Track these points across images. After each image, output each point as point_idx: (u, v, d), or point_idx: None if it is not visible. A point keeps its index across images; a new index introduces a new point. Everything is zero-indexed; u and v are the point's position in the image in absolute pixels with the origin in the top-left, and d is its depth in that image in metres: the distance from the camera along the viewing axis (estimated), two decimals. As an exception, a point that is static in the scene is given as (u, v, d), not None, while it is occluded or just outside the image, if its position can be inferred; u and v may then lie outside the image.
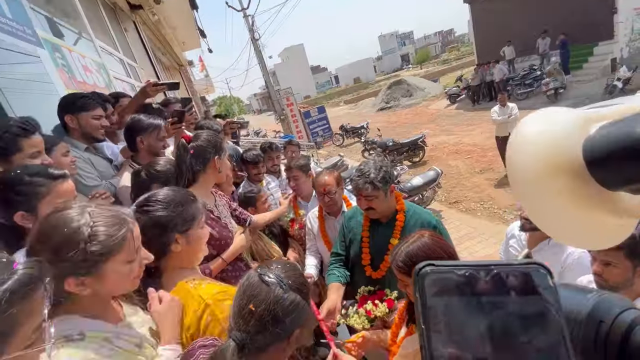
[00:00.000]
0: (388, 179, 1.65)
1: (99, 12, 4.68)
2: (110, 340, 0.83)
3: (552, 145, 0.44)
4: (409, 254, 1.13)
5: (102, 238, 0.79)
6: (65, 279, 0.77)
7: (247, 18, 14.67)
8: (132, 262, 0.86)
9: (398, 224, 1.71)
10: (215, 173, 1.52)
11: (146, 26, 7.27)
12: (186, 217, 1.08)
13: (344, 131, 14.17)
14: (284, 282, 0.85)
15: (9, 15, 2.16)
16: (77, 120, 1.89)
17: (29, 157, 1.28)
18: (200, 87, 20.40)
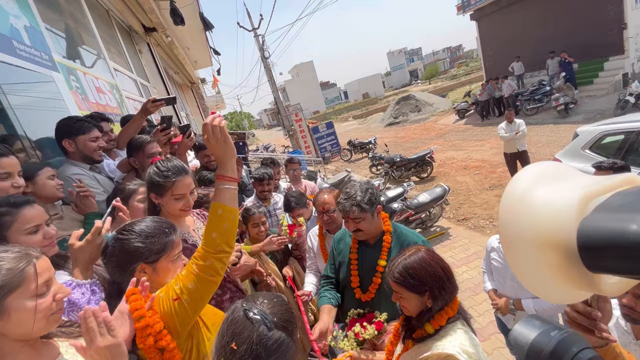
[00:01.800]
0: (374, 201, 1.66)
1: (115, 36, 4.91)
2: None
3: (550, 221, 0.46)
4: (406, 267, 1.16)
5: (2, 273, 0.77)
6: None
7: (258, 37, 15.12)
8: (41, 296, 0.82)
9: (385, 245, 1.71)
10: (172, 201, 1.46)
11: (160, 47, 7.56)
12: (154, 249, 1.09)
13: (352, 146, 14.23)
14: (268, 320, 0.82)
15: (27, 42, 2.29)
16: (75, 143, 1.94)
17: None
18: (212, 103, 20.91)
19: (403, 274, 1.16)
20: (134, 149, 2.05)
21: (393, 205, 5.32)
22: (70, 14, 3.50)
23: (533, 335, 0.68)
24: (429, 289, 1.15)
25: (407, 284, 1.16)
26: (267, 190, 2.81)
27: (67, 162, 1.96)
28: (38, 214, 1.14)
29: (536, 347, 0.65)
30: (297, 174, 3.72)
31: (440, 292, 1.15)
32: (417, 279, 1.15)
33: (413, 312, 1.21)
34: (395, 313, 1.60)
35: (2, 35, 2.07)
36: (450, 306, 1.18)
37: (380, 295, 1.65)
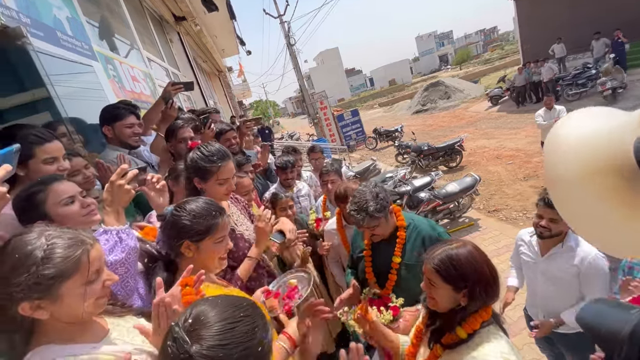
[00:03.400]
0: (386, 205, 1.62)
1: (147, 25, 5.05)
2: None
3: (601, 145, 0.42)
4: (450, 256, 1.08)
5: (57, 260, 0.78)
6: (19, 304, 0.76)
7: (283, 24, 15.02)
8: (92, 282, 0.84)
9: (399, 241, 1.68)
10: (216, 185, 1.51)
11: (189, 36, 7.71)
12: (199, 229, 1.16)
13: (378, 134, 13.98)
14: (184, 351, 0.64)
15: (69, 32, 2.40)
16: (113, 130, 2.06)
17: (42, 162, 1.35)
18: (238, 91, 21.21)
19: (445, 262, 1.08)
20: (167, 135, 2.14)
21: (420, 194, 5.20)
22: (106, 5, 3.63)
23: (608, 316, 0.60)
24: (469, 286, 1.06)
25: (445, 274, 1.08)
26: (291, 178, 2.86)
27: (108, 147, 2.08)
28: (69, 186, 1.19)
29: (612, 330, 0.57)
30: (319, 163, 3.71)
31: (480, 292, 1.05)
32: (459, 272, 1.06)
33: (441, 307, 1.12)
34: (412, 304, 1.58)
35: (47, 27, 2.18)
36: (485, 309, 1.09)
37: (398, 291, 1.64)
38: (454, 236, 5.58)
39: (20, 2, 2.01)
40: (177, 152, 2.11)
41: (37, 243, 0.78)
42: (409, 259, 1.64)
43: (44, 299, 0.78)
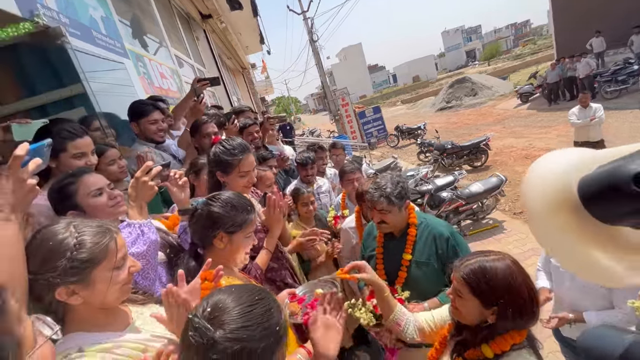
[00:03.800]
0: (404, 195, 1.62)
1: (175, 23, 5.20)
2: (111, 350, 0.85)
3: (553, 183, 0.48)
4: (483, 268, 0.99)
5: (88, 246, 0.84)
6: (55, 290, 0.80)
7: (307, 21, 15.02)
8: (118, 268, 0.90)
9: (410, 239, 1.67)
10: (237, 178, 1.56)
11: (215, 34, 7.88)
12: (235, 221, 1.20)
13: (399, 132, 13.76)
14: (208, 339, 0.67)
15: (103, 31, 2.52)
16: (139, 126, 2.15)
17: (72, 157, 1.42)
18: (261, 88, 21.47)
19: (477, 273, 0.99)
20: (193, 130, 2.21)
21: (442, 194, 5.09)
22: (137, 4, 3.77)
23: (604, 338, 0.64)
24: (500, 304, 0.96)
25: (475, 286, 0.99)
26: (311, 174, 2.89)
27: (137, 141, 2.18)
28: (98, 178, 1.26)
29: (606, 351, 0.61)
30: (339, 160, 3.71)
31: (514, 314, 0.96)
32: (491, 287, 0.97)
33: (465, 319, 1.05)
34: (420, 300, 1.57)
35: (83, 26, 2.30)
36: (518, 331, 0.99)
37: (407, 288, 1.62)
38: (477, 238, 5.38)
39: (60, 3, 2.13)
40: (201, 147, 2.18)
41: (67, 232, 0.84)
42: (419, 256, 1.64)
43: (78, 284, 0.83)
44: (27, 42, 1.89)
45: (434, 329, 1.27)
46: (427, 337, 1.29)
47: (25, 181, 0.84)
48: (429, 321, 1.29)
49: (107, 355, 0.84)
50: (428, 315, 1.32)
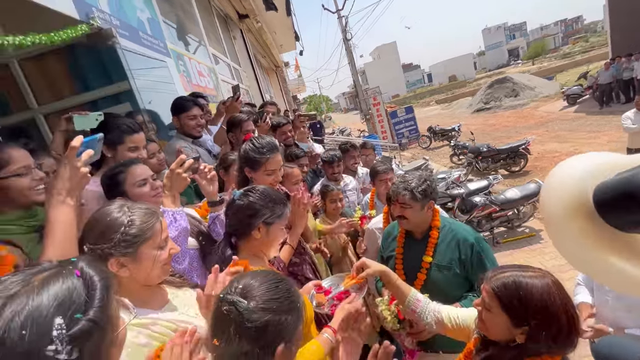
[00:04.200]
0: (429, 193, 1.58)
1: (214, 23, 5.42)
2: (148, 326, 0.93)
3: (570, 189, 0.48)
4: (518, 284, 0.92)
5: (138, 224, 0.94)
6: (109, 260, 0.91)
7: (341, 19, 14.99)
8: (161, 248, 0.99)
9: (431, 241, 1.62)
10: (264, 175, 1.62)
11: (250, 33, 8.10)
12: (274, 212, 1.25)
13: (432, 133, 13.35)
14: (244, 309, 0.75)
15: (149, 32, 2.69)
16: (179, 120, 2.28)
17: (127, 150, 1.56)
18: (293, 86, 21.76)
19: (510, 288, 0.92)
20: (232, 126, 2.33)
21: (474, 198, 4.89)
22: (180, 5, 3.98)
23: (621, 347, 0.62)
24: (533, 325, 0.89)
25: (506, 301, 0.92)
26: (337, 172, 2.90)
27: (176, 135, 2.32)
28: (144, 170, 1.39)
29: None
30: (369, 160, 3.69)
31: (547, 338, 0.88)
32: (524, 304, 0.90)
33: (491, 334, 0.99)
34: None
35: (132, 27, 2.47)
36: (551, 357, 0.91)
37: (426, 291, 1.58)
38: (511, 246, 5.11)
39: (112, 6, 2.31)
40: (238, 142, 2.27)
41: (121, 211, 0.95)
42: (440, 260, 1.59)
43: (128, 257, 0.92)
44: (83, 43, 2.07)
45: (455, 326, 1.23)
46: (446, 331, 1.25)
47: (79, 169, 0.96)
48: (452, 317, 1.25)
49: (144, 330, 0.91)
50: (453, 311, 1.27)
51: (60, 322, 0.46)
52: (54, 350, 0.44)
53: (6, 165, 1.11)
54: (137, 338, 0.88)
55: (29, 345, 0.43)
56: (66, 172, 0.94)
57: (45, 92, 2.42)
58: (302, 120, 3.54)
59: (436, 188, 1.65)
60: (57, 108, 2.39)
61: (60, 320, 0.46)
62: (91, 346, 0.49)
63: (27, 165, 1.14)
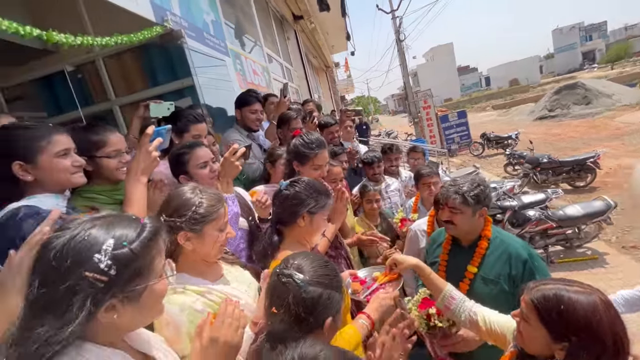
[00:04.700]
0: (482, 200, 1.48)
1: (270, 24, 5.67)
2: (204, 294, 1.05)
3: None
4: (560, 297, 0.87)
5: (206, 206, 1.07)
6: (178, 233, 1.04)
7: (395, 20, 14.71)
8: (221, 231, 1.10)
9: (479, 251, 1.52)
10: (311, 170, 1.70)
11: (304, 33, 8.31)
12: (318, 203, 1.33)
13: (486, 140, 12.56)
14: (300, 279, 0.86)
15: (212, 32, 2.91)
16: (241, 113, 2.45)
17: (192, 137, 1.74)
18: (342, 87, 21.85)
19: (551, 300, 0.88)
20: (281, 122, 2.46)
21: (528, 212, 4.53)
22: (240, 8, 4.23)
23: None
24: (573, 342, 0.85)
25: (545, 314, 0.88)
26: (378, 173, 2.90)
27: (233, 127, 2.50)
28: (206, 153, 1.53)
29: None
30: (418, 164, 3.60)
31: (589, 357, 0.83)
32: (564, 319, 0.85)
33: (529, 348, 0.96)
34: None
35: (198, 28, 2.70)
36: None
37: None
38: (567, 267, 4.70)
39: (182, 9, 2.54)
40: (285, 138, 2.39)
41: (194, 193, 1.09)
42: (487, 272, 1.50)
43: (194, 233, 1.05)
44: (155, 42, 2.32)
45: (489, 330, 1.18)
46: (480, 333, 1.21)
47: (151, 153, 1.14)
48: (488, 320, 1.20)
49: (200, 298, 1.04)
50: (491, 315, 1.23)
51: (111, 242, 0.61)
52: (98, 258, 0.59)
53: (103, 146, 1.31)
54: (195, 304, 1.01)
55: (84, 248, 0.59)
56: (140, 156, 1.13)
57: (122, 86, 2.74)
58: (348, 115, 3.58)
59: (490, 195, 1.56)
60: (131, 100, 2.69)
61: (112, 241, 0.61)
62: (127, 273, 0.61)
63: (118, 149, 1.35)
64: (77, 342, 0.60)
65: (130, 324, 0.68)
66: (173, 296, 1.01)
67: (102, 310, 0.60)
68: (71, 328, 0.56)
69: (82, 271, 0.57)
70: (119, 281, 0.60)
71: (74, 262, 0.57)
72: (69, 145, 1.12)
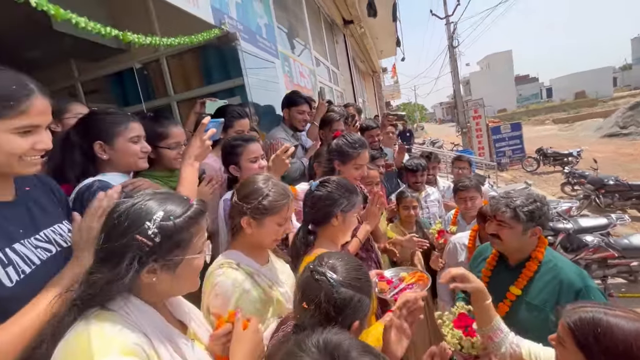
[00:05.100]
0: (537, 217, 1.35)
1: (320, 29, 5.78)
2: (253, 275, 1.14)
3: None
4: (599, 322, 0.84)
5: (271, 199, 1.13)
6: (243, 217, 1.13)
7: (449, 25, 14.21)
8: (281, 225, 1.16)
9: (525, 273, 1.40)
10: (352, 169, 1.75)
11: (353, 38, 8.35)
12: (350, 202, 1.36)
13: (542, 156, 11.59)
14: (334, 279, 0.87)
15: (264, 35, 3.05)
16: (289, 113, 2.55)
17: (235, 132, 1.87)
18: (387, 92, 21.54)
19: (588, 324, 0.85)
20: (324, 123, 2.52)
21: (585, 237, 4.11)
22: (293, 12, 4.38)
23: None
24: None
25: (581, 339, 0.85)
26: (420, 182, 2.83)
27: (280, 126, 2.62)
28: (258, 149, 1.64)
29: None
30: (463, 174, 3.44)
31: None
32: (602, 344, 0.82)
33: None
34: None
35: (251, 31, 2.85)
36: None
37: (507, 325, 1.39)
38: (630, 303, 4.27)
39: (239, 13, 2.70)
40: (327, 139, 2.44)
41: (265, 184, 1.16)
42: (532, 298, 1.39)
43: (255, 220, 1.13)
44: (212, 44, 2.49)
45: None
46: None
47: (205, 142, 1.26)
48: (533, 353, 1.14)
49: (249, 278, 1.12)
50: (536, 347, 1.16)
51: (161, 214, 0.70)
52: (148, 225, 0.68)
53: (166, 137, 1.49)
54: (244, 283, 1.10)
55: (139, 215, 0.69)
56: (196, 143, 1.25)
57: (180, 83, 2.97)
58: (390, 120, 3.54)
59: (548, 213, 1.42)
60: (187, 97, 2.91)
61: (162, 213, 0.70)
62: (168, 243, 0.70)
63: (178, 142, 1.52)
64: (124, 294, 0.70)
65: (167, 290, 0.76)
66: (228, 270, 1.10)
67: (145, 271, 0.69)
68: (121, 279, 0.66)
69: (134, 233, 0.67)
70: (160, 248, 0.69)
71: (130, 225, 0.68)
72: (140, 132, 1.29)
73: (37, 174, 0.91)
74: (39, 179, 0.98)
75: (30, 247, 0.82)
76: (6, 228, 0.80)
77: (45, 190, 0.97)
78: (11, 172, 0.82)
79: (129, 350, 0.63)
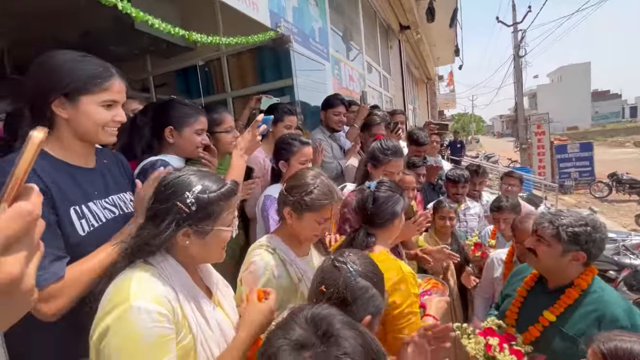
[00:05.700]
0: (583, 242, 1.23)
1: (375, 33, 5.79)
2: (286, 264, 1.18)
3: None
4: (632, 352, 0.82)
5: (314, 196, 1.15)
6: (286, 206, 1.19)
7: (516, 33, 13.28)
8: (321, 224, 1.18)
9: (564, 299, 1.28)
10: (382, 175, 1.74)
11: (408, 43, 8.20)
12: (405, 202, 1.38)
13: (615, 181, 10.28)
14: (353, 268, 0.92)
15: (317, 39, 3.16)
16: (325, 114, 2.62)
17: (284, 127, 1.98)
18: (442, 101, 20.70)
19: (621, 353, 0.82)
20: (364, 126, 2.57)
21: (657, 277, 3.61)
22: (348, 17, 4.45)
23: None
24: None
25: None
26: (460, 194, 2.71)
27: (319, 127, 2.69)
28: (309, 153, 1.71)
29: None
30: (512, 191, 3.21)
31: None
32: None
33: None
34: None
35: (305, 34, 2.97)
36: None
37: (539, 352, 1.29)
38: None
39: (295, 17, 2.84)
40: (366, 142, 2.48)
41: (314, 180, 1.20)
42: (568, 327, 1.28)
43: (296, 213, 1.18)
44: (267, 45, 2.65)
45: None
46: None
47: (256, 136, 1.37)
48: None
49: (282, 265, 1.17)
50: None
51: (199, 187, 0.81)
52: (187, 195, 0.80)
53: (221, 123, 1.67)
54: (275, 269, 1.16)
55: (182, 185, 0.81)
56: (248, 136, 1.36)
57: (237, 80, 3.19)
58: (432, 128, 3.44)
59: (599, 242, 1.29)
60: (241, 94, 3.12)
61: (200, 187, 0.81)
62: (202, 212, 0.80)
63: (231, 126, 1.69)
64: (163, 253, 0.83)
65: (197, 255, 0.86)
66: (264, 252, 1.18)
67: (181, 234, 0.80)
68: (161, 234, 0.78)
69: (175, 200, 0.79)
70: (195, 216, 0.80)
71: (173, 192, 0.80)
72: (205, 126, 1.48)
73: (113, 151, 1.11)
74: (114, 155, 1.18)
75: (100, 207, 1.01)
76: (86, 189, 0.99)
77: (117, 164, 1.17)
78: (96, 140, 1.02)
79: (158, 300, 0.75)
